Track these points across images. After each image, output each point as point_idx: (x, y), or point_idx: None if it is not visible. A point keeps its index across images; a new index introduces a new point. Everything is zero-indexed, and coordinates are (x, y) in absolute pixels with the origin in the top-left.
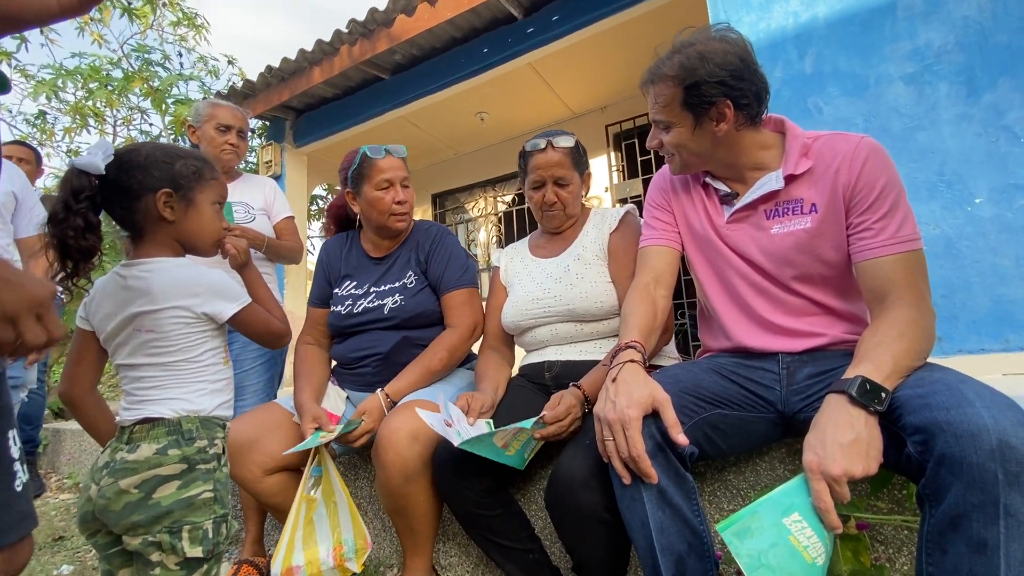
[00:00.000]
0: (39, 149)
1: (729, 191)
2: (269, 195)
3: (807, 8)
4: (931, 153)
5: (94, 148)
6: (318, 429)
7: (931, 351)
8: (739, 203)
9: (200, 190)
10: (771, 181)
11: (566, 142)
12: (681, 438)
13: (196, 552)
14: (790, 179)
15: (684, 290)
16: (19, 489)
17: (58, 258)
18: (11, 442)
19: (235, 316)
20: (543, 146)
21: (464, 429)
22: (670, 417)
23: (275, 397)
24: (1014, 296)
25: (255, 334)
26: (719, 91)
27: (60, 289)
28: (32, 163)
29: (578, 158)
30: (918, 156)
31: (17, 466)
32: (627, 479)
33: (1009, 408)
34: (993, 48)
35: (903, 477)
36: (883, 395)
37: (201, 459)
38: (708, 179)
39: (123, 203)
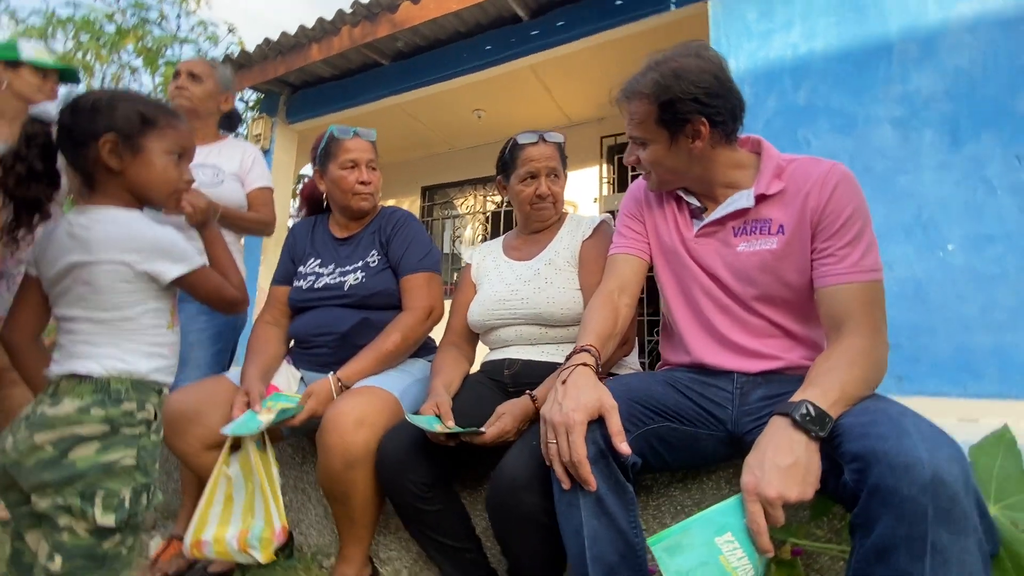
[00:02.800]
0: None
1: (700, 205)
2: (247, 161)
3: (806, 41)
4: (910, 197)
5: (61, 97)
6: (254, 413)
7: (881, 381)
8: (709, 217)
9: (150, 138)
10: (742, 199)
11: (556, 138)
12: (624, 447)
13: (108, 521)
14: (761, 199)
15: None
16: None
17: (7, 206)
18: None
19: (181, 279)
20: (536, 139)
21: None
22: (615, 424)
23: (223, 372)
24: (976, 344)
25: (205, 299)
26: (694, 108)
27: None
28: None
29: (563, 157)
30: (897, 198)
31: None
32: (566, 484)
33: (947, 444)
34: (980, 100)
35: (843, 506)
36: (826, 421)
37: (126, 423)
38: (681, 192)
39: (72, 150)
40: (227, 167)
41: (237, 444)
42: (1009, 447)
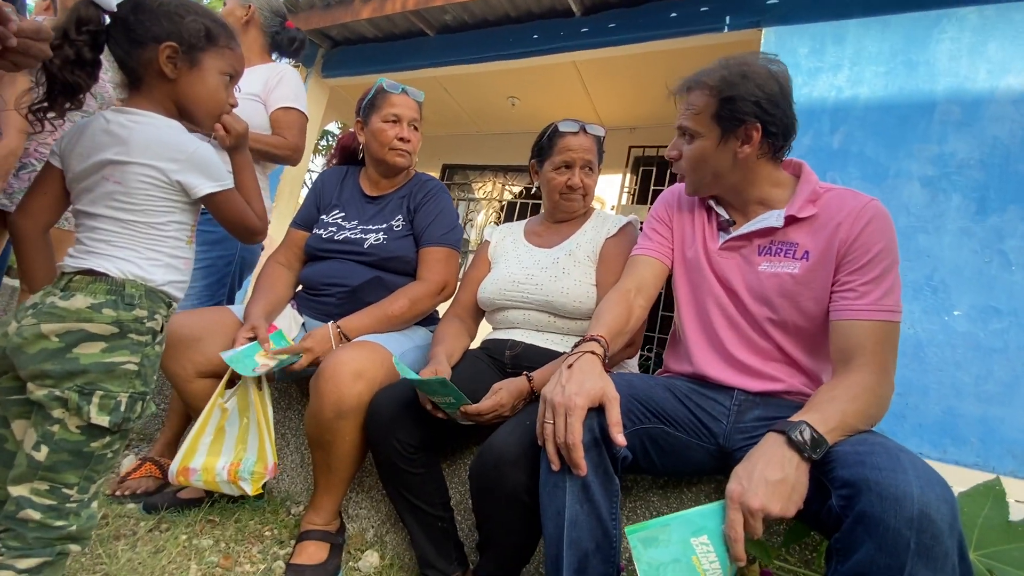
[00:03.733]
0: None
1: (728, 218)
2: (272, 80)
3: (852, 87)
4: (926, 257)
5: None
6: (257, 347)
7: (880, 420)
8: (736, 231)
9: (210, 55)
10: (771, 218)
11: (597, 131)
12: (620, 438)
13: (102, 421)
14: (791, 220)
15: (659, 325)
16: None
17: (45, 86)
18: None
19: (211, 196)
20: (577, 129)
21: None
22: (614, 415)
23: (213, 304)
24: (963, 412)
25: (226, 222)
26: (752, 111)
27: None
28: None
29: (601, 151)
30: (913, 256)
31: None
32: (556, 465)
33: (938, 483)
34: (1012, 174)
35: (819, 535)
36: (821, 445)
37: (135, 328)
38: (712, 203)
39: (126, 47)
40: (247, 87)
41: (234, 379)
42: (998, 499)
